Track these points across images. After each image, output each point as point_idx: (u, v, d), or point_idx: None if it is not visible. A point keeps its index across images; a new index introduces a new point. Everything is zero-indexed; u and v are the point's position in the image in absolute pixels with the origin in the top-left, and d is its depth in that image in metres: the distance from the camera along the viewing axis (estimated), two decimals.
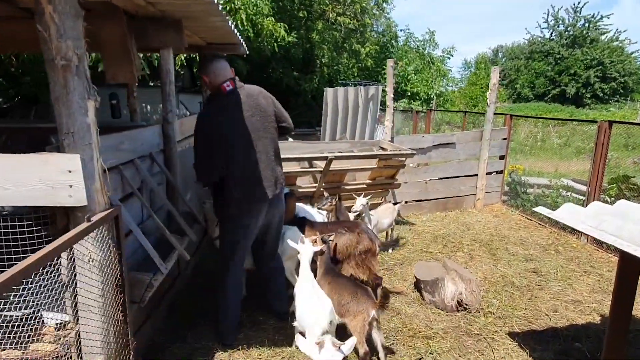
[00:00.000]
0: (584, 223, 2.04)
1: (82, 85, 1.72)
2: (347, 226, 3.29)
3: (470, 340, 3.00)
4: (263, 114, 2.59)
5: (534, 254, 4.54)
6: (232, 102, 2.50)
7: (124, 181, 2.46)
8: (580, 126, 15.09)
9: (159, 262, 2.24)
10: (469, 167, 6.27)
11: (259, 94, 2.65)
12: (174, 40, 2.98)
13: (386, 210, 4.73)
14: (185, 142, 3.78)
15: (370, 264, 3.16)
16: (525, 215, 5.91)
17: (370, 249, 3.16)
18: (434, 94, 17.68)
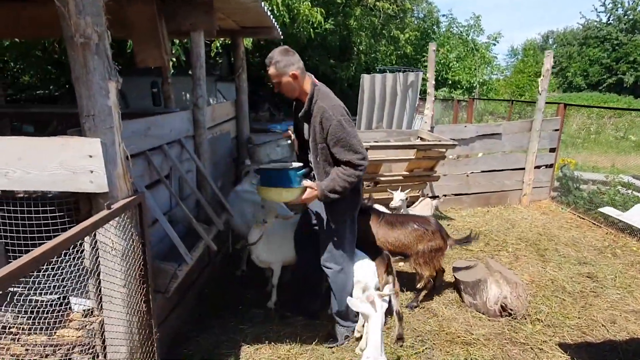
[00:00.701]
0: None
1: (102, 65, 1.63)
2: (420, 221, 3.21)
3: (515, 349, 2.74)
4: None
5: (588, 256, 4.13)
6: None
7: (151, 168, 2.39)
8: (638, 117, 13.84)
9: (184, 252, 2.15)
10: (515, 159, 5.83)
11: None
12: (205, 23, 2.86)
13: (425, 207, 4.49)
14: (216, 128, 3.70)
15: (438, 262, 3.19)
16: (578, 213, 5.43)
17: (441, 249, 3.16)
18: (477, 83, 16.82)
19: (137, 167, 2.20)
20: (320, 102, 2.33)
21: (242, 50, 4.21)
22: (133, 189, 1.89)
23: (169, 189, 2.49)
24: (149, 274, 1.97)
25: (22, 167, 1.66)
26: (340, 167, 2.32)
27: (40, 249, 1.25)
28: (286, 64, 2.29)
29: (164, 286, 2.13)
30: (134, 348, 1.93)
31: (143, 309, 1.97)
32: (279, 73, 2.31)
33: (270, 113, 16.88)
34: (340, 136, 2.27)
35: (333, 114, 2.27)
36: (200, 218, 2.90)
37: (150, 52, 2.55)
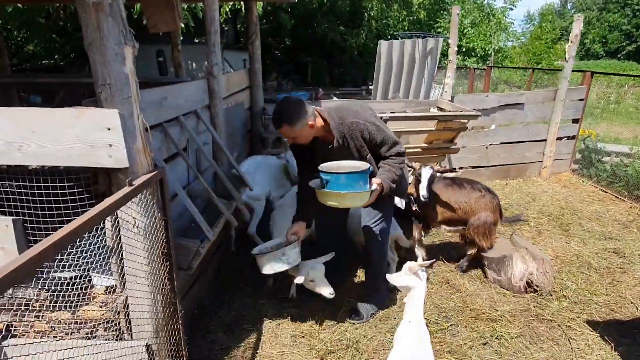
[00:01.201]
0: None
1: (117, 28, 1.48)
2: (487, 190, 3.24)
3: (542, 326, 2.68)
4: None
5: (613, 231, 4.02)
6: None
7: (168, 140, 2.27)
8: None
9: (206, 228, 2.07)
10: (536, 131, 5.62)
11: None
12: None
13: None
14: (231, 99, 3.55)
15: (493, 235, 3.21)
16: (600, 186, 5.27)
17: (496, 223, 3.21)
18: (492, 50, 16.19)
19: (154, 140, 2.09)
20: (345, 120, 2.32)
21: (255, 15, 3.97)
22: (153, 164, 1.79)
23: (187, 162, 2.38)
24: (172, 251, 1.90)
25: (36, 140, 1.55)
26: (388, 160, 2.41)
27: (62, 232, 1.16)
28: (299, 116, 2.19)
29: (186, 263, 2.06)
30: (159, 326, 1.88)
31: (167, 287, 1.91)
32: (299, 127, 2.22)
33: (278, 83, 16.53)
34: (382, 136, 2.35)
35: (366, 122, 2.32)
36: (217, 192, 2.81)
37: (163, 16, 2.37)
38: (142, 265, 1.76)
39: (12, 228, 1.73)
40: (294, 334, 2.59)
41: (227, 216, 2.38)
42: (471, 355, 2.42)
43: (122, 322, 1.87)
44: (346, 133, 2.32)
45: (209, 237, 2.10)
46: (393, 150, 2.38)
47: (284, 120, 2.19)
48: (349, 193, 2.11)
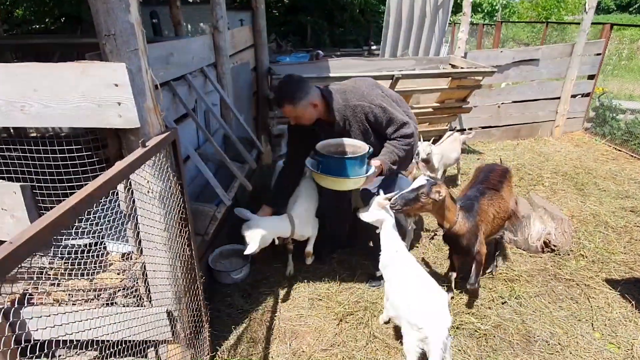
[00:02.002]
0: None
1: None
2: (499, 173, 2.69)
3: (560, 285, 2.66)
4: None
5: (630, 190, 3.95)
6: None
7: (177, 100, 2.14)
8: None
9: (221, 193, 1.99)
10: (550, 88, 5.42)
11: None
12: None
13: (453, 143, 4.03)
14: (236, 57, 3.36)
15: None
16: (614, 145, 5.15)
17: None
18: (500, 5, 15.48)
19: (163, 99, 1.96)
20: (350, 103, 2.20)
21: None
22: (164, 125, 1.67)
23: (197, 123, 2.26)
24: (189, 216, 1.82)
25: (39, 99, 1.42)
26: (394, 141, 2.28)
27: (77, 197, 1.07)
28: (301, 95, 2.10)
29: (203, 228, 1.99)
30: (179, 292, 1.84)
31: (187, 253, 1.86)
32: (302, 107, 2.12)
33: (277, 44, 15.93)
34: (389, 117, 2.22)
35: (371, 104, 2.20)
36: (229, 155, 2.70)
37: None
38: (160, 230, 1.69)
39: (21, 194, 1.64)
40: (312, 297, 2.57)
41: (242, 180, 2.29)
42: (490, 315, 2.41)
43: (141, 289, 1.83)
44: (349, 116, 2.22)
45: (224, 201, 2.02)
46: (400, 132, 2.26)
47: (286, 99, 2.08)
48: (343, 178, 2.04)
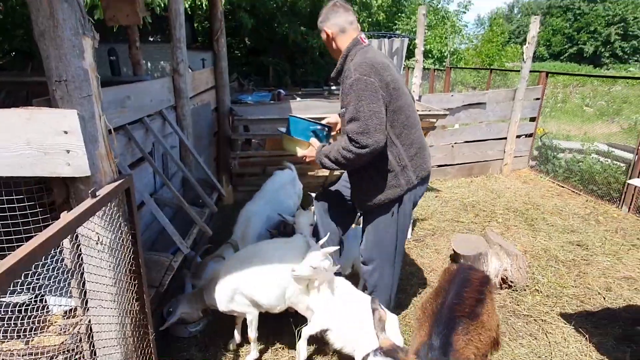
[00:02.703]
0: None
1: (74, 16, 1.29)
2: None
3: (519, 322, 2.72)
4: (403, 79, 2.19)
5: (574, 224, 4.21)
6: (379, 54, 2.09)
7: (133, 144, 2.06)
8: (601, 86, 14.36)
9: (178, 240, 1.89)
10: (497, 129, 5.81)
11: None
12: None
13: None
14: (197, 98, 3.34)
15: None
16: (557, 181, 5.54)
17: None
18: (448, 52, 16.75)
19: (117, 144, 1.88)
20: (354, 59, 1.97)
21: (220, 11, 3.77)
22: (118, 171, 1.59)
23: (154, 167, 2.18)
24: (142, 267, 1.71)
25: None
26: (345, 137, 1.93)
27: (14, 258, 0.97)
28: (322, 19, 2.07)
29: (158, 279, 1.87)
30: (128, 352, 1.69)
31: (136, 308, 1.72)
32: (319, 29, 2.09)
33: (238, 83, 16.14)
34: (351, 97, 1.88)
35: (354, 70, 1.90)
36: (187, 198, 2.61)
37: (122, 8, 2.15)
38: (108, 285, 1.56)
39: None
40: (275, 347, 2.45)
41: (201, 225, 2.20)
42: None
43: (85, 350, 1.66)
44: (345, 71, 2.03)
45: (182, 249, 1.92)
46: (348, 126, 1.89)
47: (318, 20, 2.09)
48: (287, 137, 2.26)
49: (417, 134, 2.12)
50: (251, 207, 2.84)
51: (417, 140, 2.12)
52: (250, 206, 2.86)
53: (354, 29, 2.08)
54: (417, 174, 2.12)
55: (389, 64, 2.03)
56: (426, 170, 2.18)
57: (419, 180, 2.14)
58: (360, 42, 2.06)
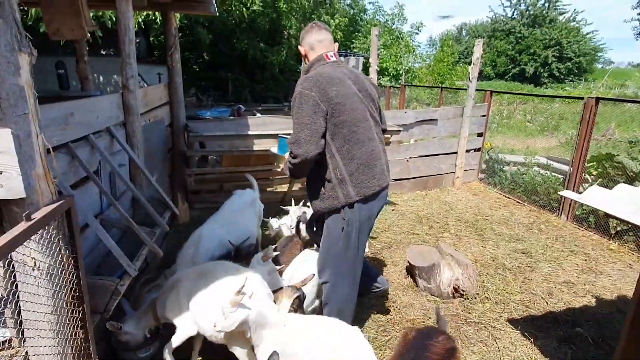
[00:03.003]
0: (621, 210, 1.83)
1: (9, 31, 1.24)
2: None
3: (470, 329, 2.84)
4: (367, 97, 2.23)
5: (519, 233, 4.47)
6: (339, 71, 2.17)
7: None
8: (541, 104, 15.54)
9: (126, 263, 1.82)
10: (449, 144, 6.11)
11: (363, 76, 2.33)
12: None
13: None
14: (149, 115, 3.26)
15: None
16: (504, 193, 5.88)
17: None
18: (403, 70, 17.48)
19: (59, 163, 1.79)
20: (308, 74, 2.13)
21: (174, 26, 3.74)
22: (57, 192, 1.52)
23: (99, 187, 2.09)
24: (85, 293, 1.62)
25: None
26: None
27: None
28: (300, 38, 2.28)
29: (103, 305, 1.78)
30: None
31: (80, 337, 1.62)
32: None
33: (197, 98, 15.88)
34: (293, 110, 2.03)
35: (299, 84, 2.04)
36: (137, 219, 2.52)
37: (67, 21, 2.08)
38: (46, 314, 1.46)
39: None
40: None
41: (150, 245, 2.12)
42: None
43: None
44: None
45: (130, 272, 1.84)
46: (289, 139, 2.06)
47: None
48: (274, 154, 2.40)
49: (363, 150, 2.13)
50: (201, 231, 2.74)
51: (362, 157, 2.13)
52: (201, 230, 2.76)
53: (324, 46, 2.19)
54: (357, 190, 2.12)
55: (344, 80, 2.12)
56: (371, 188, 2.15)
57: (361, 198, 2.13)
58: (324, 59, 2.18)
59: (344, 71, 2.19)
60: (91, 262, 2.15)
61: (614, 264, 3.80)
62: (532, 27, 27.89)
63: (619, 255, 3.95)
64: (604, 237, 4.33)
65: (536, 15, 27.98)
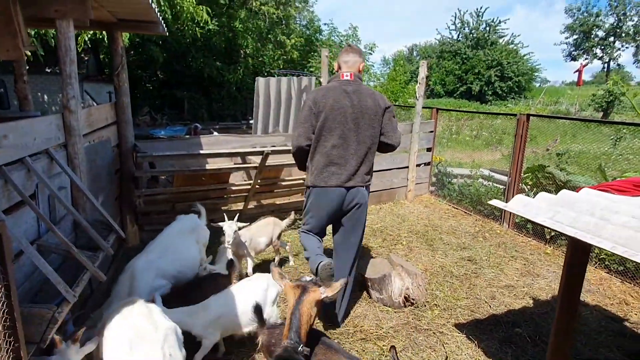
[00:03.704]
0: (540, 215, 2.03)
1: None
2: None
3: (420, 336, 2.95)
4: (359, 111, 2.67)
5: (466, 242, 4.73)
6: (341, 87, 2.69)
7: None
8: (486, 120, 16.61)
9: (64, 289, 1.75)
10: (400, 159, 6.37)
11: (368, 94, 2.74)
12: (75, 10, 2.41)
13: (265, 227, 3.75)
14: (94, 135, 3.17)
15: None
16: (452, 204, 6.19)
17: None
18: None
19: None
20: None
21: (120, 46, 3.69)
22: None
23: (35, 211, 2.01)
24: (18, 322, 1.54)
25: None
26: None
27: None
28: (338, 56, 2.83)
29: (39, 334, 1.69)
30: None
31: None
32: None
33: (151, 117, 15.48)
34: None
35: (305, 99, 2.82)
36: (80, 243, 2.43)
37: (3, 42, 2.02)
38: None
39: None
40: None
41: (92, 270, 2.06)
42: None
43: None
44: None
45: (68, 298, 1.78)
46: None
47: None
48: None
49: (334, 153, 2.67)
50: (136, 264, 2.64)
51: (329, 157, 2.68)
52: (135, 262, 2.66)
53: (347, 66, 2.74)
54: (317, 182, 2.72)
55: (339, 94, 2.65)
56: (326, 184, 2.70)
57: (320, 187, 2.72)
58: (339, 77, 2.74)
59: (347, 88, 2.68)
60: (29, 290, 2.05)
61: (550, 266, 4.11)
62: (475, 48, 29.92)
63: (554, 258, 4.28)
64: (540, 242, 4.67)
65: (479, 38, 30.09)
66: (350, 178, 2.72)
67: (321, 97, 2.64)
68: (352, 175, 2.72)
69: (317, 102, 2.64)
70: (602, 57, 41.46)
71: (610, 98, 17.34)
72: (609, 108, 17.73)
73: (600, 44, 40.76)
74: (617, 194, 2.27)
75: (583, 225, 1.84)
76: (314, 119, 2.64)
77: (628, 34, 38.85)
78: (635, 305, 3.40)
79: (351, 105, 2.64)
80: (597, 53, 41.34)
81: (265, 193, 4.72)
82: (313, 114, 2.63)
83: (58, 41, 2.42)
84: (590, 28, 39.99)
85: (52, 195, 2.28)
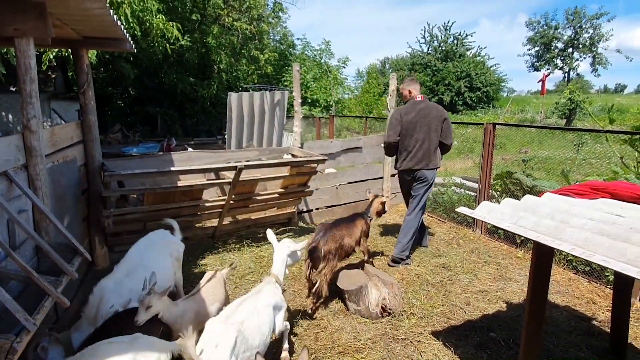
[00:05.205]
0: (504, 221, 2.09)
1: None
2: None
3: (398, 346, 2.95)
4: (428, 121, 4.14)
5: (441, 249, 4.80)
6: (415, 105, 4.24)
7: None
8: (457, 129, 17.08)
9: (23, 317, 1.67)
10: (374, 170, 6.46)
11: (433, 107, 4.22)
12: (36, 29, 2.36)
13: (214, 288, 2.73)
14: (58, 155, 3.07)
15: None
16: (427, 213, 6.28)
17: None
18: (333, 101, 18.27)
19: None
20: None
21: (86, 64, 3.62)
22: None
23: None
24: None
25: None
26: None
27: None
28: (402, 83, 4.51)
29: None
30: None
31: None
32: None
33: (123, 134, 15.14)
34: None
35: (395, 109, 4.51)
36: (43, 268, 2.33)
37: None
38: None
39: None
40: None
41: (55, 296, 1.97)
42: None
43: None
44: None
45: (28, 327, 1.69)
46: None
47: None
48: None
49: (413, 146, 4.20)
50: (104, 285, 2.55)
51: (409, 149, 4.23)
52: (104, 283, 2.57)
53: (416, 92, 4.37)
54: (403, 166, 4.35)
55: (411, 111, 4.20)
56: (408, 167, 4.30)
57: (407, 169, 4.33)
58: (413, 98, 4.32)
59: (419, 106, 4.19)
60: None
61: (521, 270, 4.22)
62: (445, 61, 30.94)
63: (525, 262, 4.40)
64: (512, 247, 4.80)
65: (447, 51, 31.15)
66: (418, 163, 4.20)
67: (404, 113, 4.20)
68: (419, 161, 4.19)
69: (402, 116, 4.20)
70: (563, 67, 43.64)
71: (572, 106, 18.21)
72: (571, 115, 18.60)
73: (560, 55, 42.92)
74: (577, 197, 2.37)
75: (544, 229, 1.91)
76: (398, 125, 4.21)
77: (585, 45, 41.13)
78: (602, 304, 3.53)
79: (420, 117, 4.12)
80: (558, 63, 43.50)
81: (240, 208, 4.67)
82: (400, 123, 4.21)
83: (17, 60, 2.36)
84: (550, 40, 42.11)
85: (11, 220, 2.18)
